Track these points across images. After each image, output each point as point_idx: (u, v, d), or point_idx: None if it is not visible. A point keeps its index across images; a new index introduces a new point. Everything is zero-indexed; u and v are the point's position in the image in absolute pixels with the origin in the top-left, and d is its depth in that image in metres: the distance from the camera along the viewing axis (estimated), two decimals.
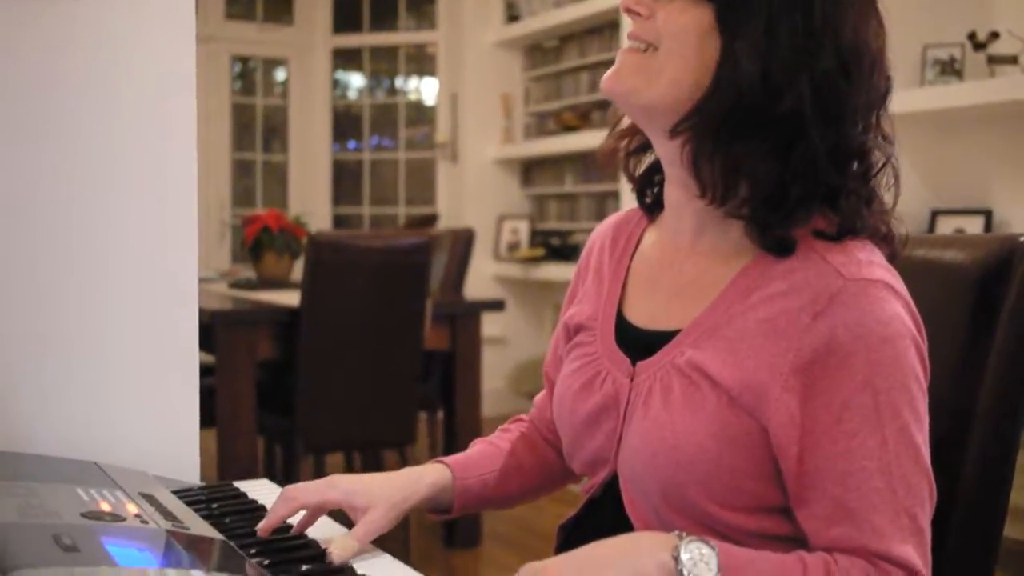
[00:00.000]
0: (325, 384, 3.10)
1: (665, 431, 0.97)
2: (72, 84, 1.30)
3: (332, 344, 3.09)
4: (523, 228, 5.84)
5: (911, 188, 3.44)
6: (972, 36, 3.28)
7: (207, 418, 3.35)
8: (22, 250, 1.28)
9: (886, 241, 1.01)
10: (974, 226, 3.36)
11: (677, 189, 1.04)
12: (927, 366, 0.96)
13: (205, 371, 3.79)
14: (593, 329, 1.11)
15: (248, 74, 6.75)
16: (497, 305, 3.76)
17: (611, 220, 1.19)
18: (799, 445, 0.92)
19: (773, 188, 0.95)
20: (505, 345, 5.74)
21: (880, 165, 1.01)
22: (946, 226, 3.43)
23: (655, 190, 1.12)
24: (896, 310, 0.93)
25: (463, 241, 4.00)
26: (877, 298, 0.92)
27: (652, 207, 1.13)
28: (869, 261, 0.95)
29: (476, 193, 5.96)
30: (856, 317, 0.91)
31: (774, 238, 0.96)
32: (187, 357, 1.44)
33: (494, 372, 5.40)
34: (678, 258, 1.07)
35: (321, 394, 3.10)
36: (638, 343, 1.05)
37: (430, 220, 5.78)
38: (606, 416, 1.05)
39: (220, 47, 6.45)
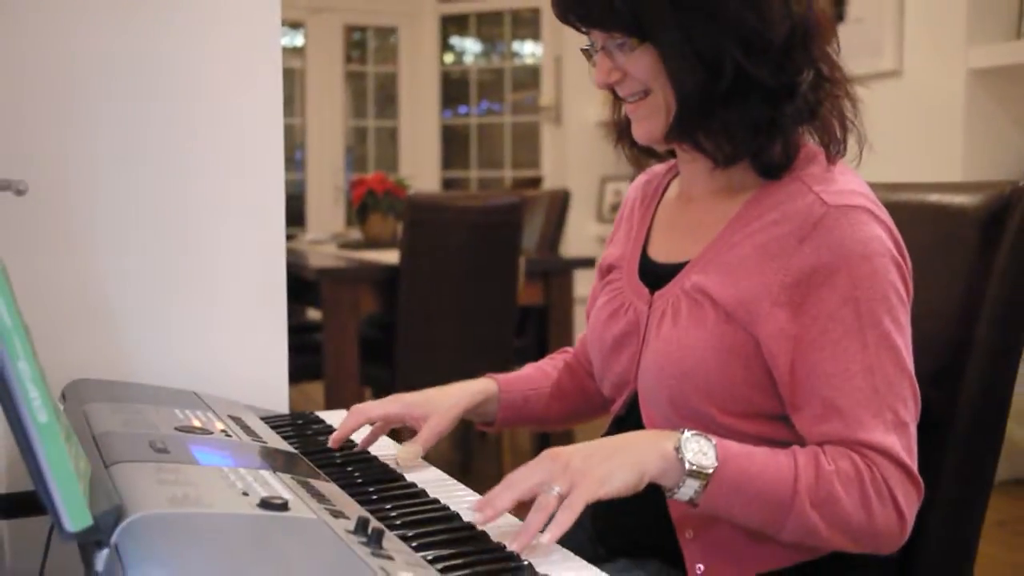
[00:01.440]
0: (424, 337, 3.28)
1: (672, 347, 1.10)
2: (172, 57, 1.47)
3: (430, 299, 3.26)
4: (625, 190, 5.92)
5: (1011, 141, 3.42)
6: None
7: (316, 372, 3.56)
8: (133, 211, 1.46)
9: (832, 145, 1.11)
10: None
11: (684, 152, 1.17)
12: (908, 282, 1.06)
13: (315, 327, 4.03)
14: (621, 267, 1.25)
15: (361, 43, 6.96)
16: (589, 263, 3.87)
17: (643, 176, 1.33)
18: (790, 354, 1.03)
19: (754, 130, 1.07)
20: None
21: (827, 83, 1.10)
22: None
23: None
24: (875, 232, 1.03)
25: (559, 202, 4.12)
26: (857, 221, 1.03)
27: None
28: (852, 190, 1.06)
29: (580, 155, 6.06)
30: (837, 239, 1.02)
31: (770, 164, 1.09)
32: (277, 302, 1.59)
33: None
34: (692, 200, 1.20)
35: (420, 346, 3.28)
36: (658, 276, 1.18)
37: (535, 182, 5.91)
38: (628, 340, 1.18)
39: (333, 17, 6.68)
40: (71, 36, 1.41)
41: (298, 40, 6.67)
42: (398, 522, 0.99)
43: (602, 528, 1.21)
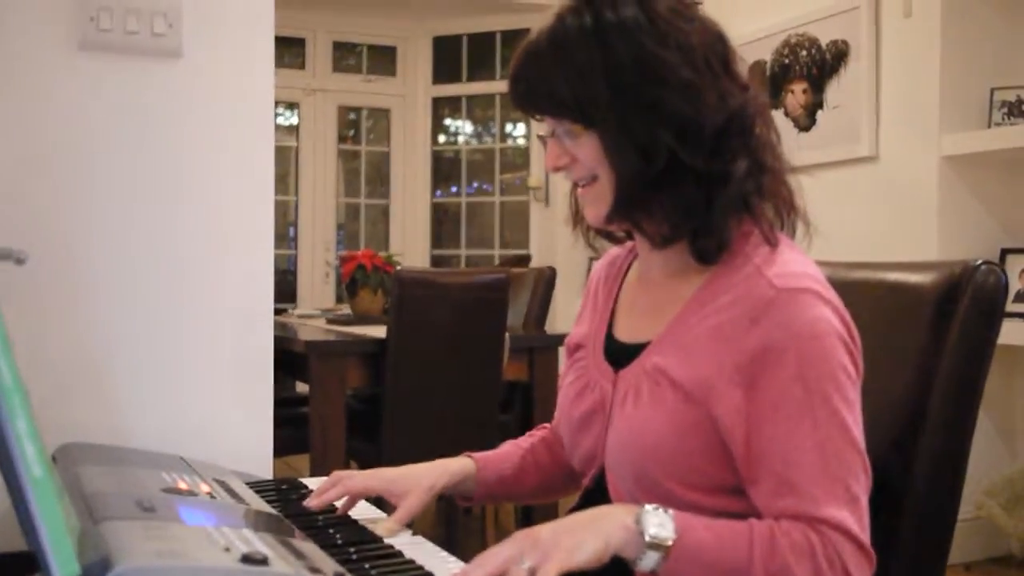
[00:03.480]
0: (410, 411, 3.31)
1: (635, 424, 1.15)
2: (171, 135, 1.54)
3: (416, 374, 3.30)
4: None
5: (981, 227, 3.51)
6: None
7: (303, 445, 3.56)
8: (129, 282, 1.51)
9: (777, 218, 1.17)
10: None
11: (637, 234, 1.24)
12: (858, 360, 1.11)
13: (302, 401, 4.04)
14: (587, 346, 1.30)
15: (355, 123, 7.09)
16: None
17: (607, 256, 1.39)
18: (745, 431, 1.08)
19: (689, 213, 1.14)
20: None
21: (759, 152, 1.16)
22: (1015, 264, 3.47)
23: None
24: (822, 313, 1.08)
25: (546, 279, 4.18)
26: (805, 304, 1.08)
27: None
28: (801, 273, 1.11)
29: (567, 235, 6.07)
30: (786, 321, 1.07)
31: (704, 249, 1.15)
32: (264, 373, 1.64)
33: None
34: (651, 282, 1.26)
35: (406, 420, 3.30)
36: (621, 355, 1.23)
37: (523, 260, 5.98)
38: (595, 418, 1.24)
39: (328, 98, 6.82)
40: (72, 113, 1.48)
41: (293, 119, 6.80)
42: None
43: None
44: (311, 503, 1.26)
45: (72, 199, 1.48)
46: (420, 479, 1.31)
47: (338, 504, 1.31)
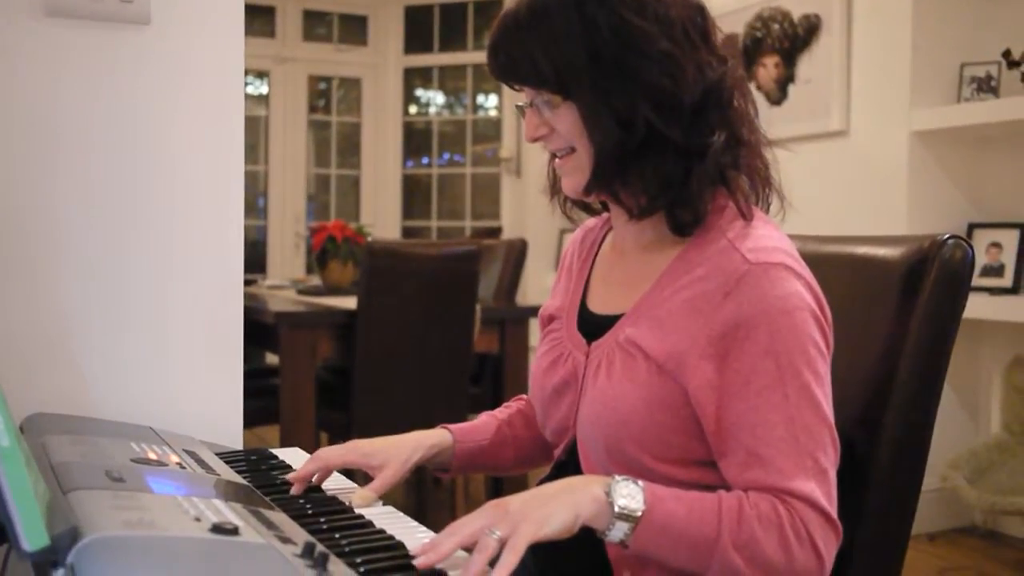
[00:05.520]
0: (380, 382, 3.31)
1: (607, 396, 1.15)
2: (140, 103, 1.52)
3: (387, 345, 3.30)
4: None
5: (949, 202, 3.54)
6: (1007, 54, 3.37)
7: (273, 416, 3.56)
8: (98, 252, 1.50)
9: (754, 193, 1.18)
10: (1009, 239, 3.44)
11: (614, 206, 1.24)
12: (828, 334, 1.12)
13: (272, 372, 4.03)
14: (561, 318, 1.31)
15: (325, 92, 7.04)
16: None
17: (582, 228, 1.39)
18: (716, 405, 1.09)
19: (667, 185, 1.14)
20: None
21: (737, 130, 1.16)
22: (982, 239, 3.51)
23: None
24: (794, 287, 1.09)
25: (517, 251, 4.19)
26: (777, 278, 1.09)
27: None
28: (774, 247, 1.12)
29: (538, 207, 6.13)
30: (758, 295, 1.08)
31: (681, 221, 1.16)
32: (234, 343, 1.63)
33: None
34: (625, 254, 1.26)
35: (376, 391, 3.31)
36: (595, 327, 1.24)
37: (494, 232, 5.98)
38: (567, 389, 1.24)
39: (298, 67, 6.76)
40: (37, 80, 1.46)
41: (263, 89, 6.74)
42: (347, 549, 1.03)
43: (544, 569, 1.25)
44: (295, 490, 1.26)
45: (38, 168, 1.46)
46: (398, 452, 1.31)
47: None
